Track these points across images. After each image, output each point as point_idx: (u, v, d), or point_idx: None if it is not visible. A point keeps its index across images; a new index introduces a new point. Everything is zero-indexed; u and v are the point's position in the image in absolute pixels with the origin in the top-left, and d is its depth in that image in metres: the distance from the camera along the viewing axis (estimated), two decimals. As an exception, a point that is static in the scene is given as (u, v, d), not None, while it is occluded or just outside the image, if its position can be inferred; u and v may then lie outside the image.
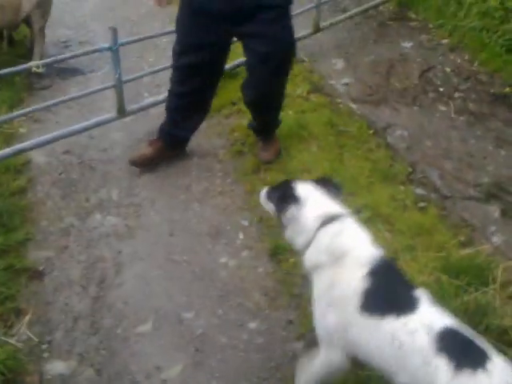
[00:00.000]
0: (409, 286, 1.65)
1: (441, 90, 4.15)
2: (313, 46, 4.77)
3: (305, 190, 1.86)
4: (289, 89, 4.13)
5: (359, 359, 1.69)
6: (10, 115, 3.54)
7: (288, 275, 2.56)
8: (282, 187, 1.94)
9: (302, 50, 4.60)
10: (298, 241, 1.84)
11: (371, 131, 3.57)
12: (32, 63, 3.64)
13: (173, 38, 3.61)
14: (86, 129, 3.54)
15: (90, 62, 4.70)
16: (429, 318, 1.52)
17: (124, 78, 3.58)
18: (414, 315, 1.53)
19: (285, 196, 1.84)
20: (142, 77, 3.99)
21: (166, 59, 4.79)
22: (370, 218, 2.69)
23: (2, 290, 2.47)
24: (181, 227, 2.95)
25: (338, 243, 1.73)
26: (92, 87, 4.27)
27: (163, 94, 4.03)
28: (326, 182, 1.92)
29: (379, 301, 1.60)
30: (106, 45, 3.36)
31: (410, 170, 3.19)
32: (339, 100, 4.00)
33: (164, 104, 3.96)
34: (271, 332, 2.35)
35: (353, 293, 1.63)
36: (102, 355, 2.30)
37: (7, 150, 3.22)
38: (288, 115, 3.80)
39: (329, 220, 1.76)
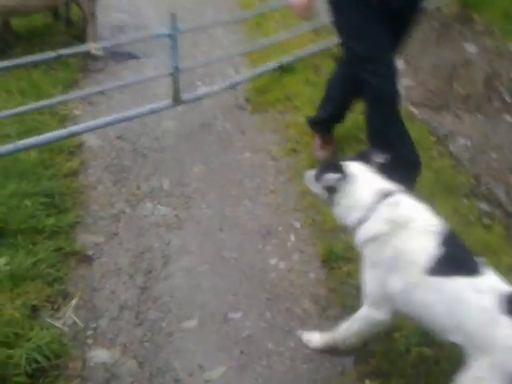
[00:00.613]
0: (471, 253, 1.77)
1: (507, 99, 3.95)
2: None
3: (355, 167, 1.97)
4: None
5: (411, 317, 1.87)
6: (66, 97, 3.54)
7: (341, 284, 2.46)
8: (331, 166, 1.99)
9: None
10: (352, 216, 1.95)
11: (433, 138, 3.41)
12: (92, 46, 3.63)
13: (229, 27, 3.59)
14: (140, 115, 3.51)
15: (143, 46, 4.67)
16: (493, 281, 1.66)
17: (180, 66, 3.52)
18: (480, 278, 1.66)
19: (337, 173, 1.93)
20: (198, 66, 3.93)
21: (220, 48, 4.77)
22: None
23: (51, 272, 2.46)
24: (231, 223, 2.88)
25: (400, 214, 1.85)
26: (145, 73, 4.28)
27: (218, 85, 3.99)
28: (366, 157, 2.04)
29: (447, 264, 1.72)
30: (166, 31, 3.30)
31: (474, 182, 3.04)
32: (399, 103, 3.86)
33: (219, 94, 3.92)
34: (320, 342, 2.25)
35: (420, 257, 1.76)
36: (145, 348, 2.25)
37: (62, 132, 3.22)
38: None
39: (385, 194, 1.90)
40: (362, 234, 1.92)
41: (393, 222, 1.84)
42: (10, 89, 3.82)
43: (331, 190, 1.98)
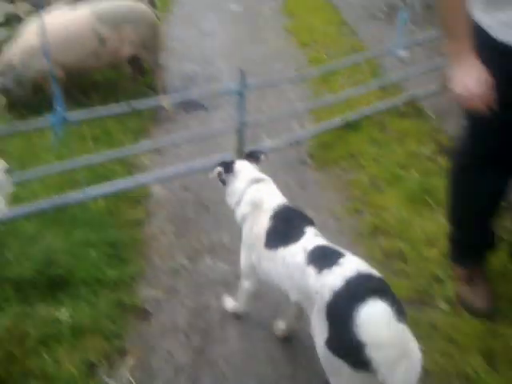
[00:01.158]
0: (302, 224, 2.11)
1: None
2: (441, 102, 4.52)
3: (240, 164, 2.44)
4: (413, 146, 3.95)
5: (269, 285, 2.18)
6: (136, 148, 3.64)
7: None
8: (224, 163, 2.45)
9: (429, 107, 4.40)
10: (232, 200, 2.40)
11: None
12: (163, 101, 3.75)
13: (297, 85, 3.58)
14: (205, 167, 3.55)
15: (212, 97, 4.80)
16: (306, 242, 1.97)
17: (246, 119, 3.57)
18: (297, 243, 1.99)
19: (226, 169, 2.41)
20: (264, 120, 3.97)
21: (286, 102, 4.82)
22: None
23: (110, 327, 2.47)
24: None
25: (258, 196, 2.28)
26: (212, 124, 4.38)
27: (282, 139, 4.01)
28: (251, 154, 2.56)
29: (276, 237, 2.09)
30: (235, 86, 3.37)
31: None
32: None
33: (282, 148, 3.93)
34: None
35: (262, 232, 2.15)
36: (198, 416, 2.20)
37: (129, 181, 3.31)
38: (411, 176, 3.59)
39: (253, 182, 2.34)
40: (237, 215, 2.36)
41: (252, 204, 2.27)
42: (83, 135, 3.98)
43: (223, 182, 2.45)
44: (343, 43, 5.73)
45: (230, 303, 2.61)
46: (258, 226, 2.18)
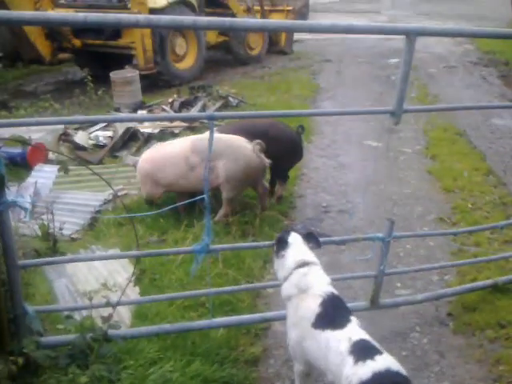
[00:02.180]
0: (347, 313, 2.36)
1: None
2: None
3: (293, 238, 2.63)
4: None
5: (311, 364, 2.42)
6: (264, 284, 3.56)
7: None
8: (281, 233, 2.75)
9: None
10: (280, 274, 2.61)
11: None
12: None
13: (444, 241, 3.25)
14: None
15: (344, 233, 4.66)
16: (351, 332, 2.20)
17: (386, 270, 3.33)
18: (343, 330, 2.21)
19: (279, 239, 2.65)
20: (404, 272, 3.70)
21: (425, 249, 4.49)
22: None
23: None
24: None
25: (304, 281, 2.46)
26: (343, 259, 4.19)
27: (419, 291, 3.69)
28: (309, 236, 2.70)
29: (324, 321, 2.29)
30: (380, 234, 3.20)
31: None
32: None
33: (419, 302, 3.59)
34: None
35: (309, 314, 2.34)
36: None
37: (255, 317, 3.19)
38: None
39: (302, 264, 2.51)
40: (283, 291, 2.57)
41: (298, 288, 2.45)
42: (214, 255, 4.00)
43: (274, 252, 2.68)
44: (490, 193, 5.38)
45: None
46: (304, 307, 2.38)
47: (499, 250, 4.22)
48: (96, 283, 3.68)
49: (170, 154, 4.68)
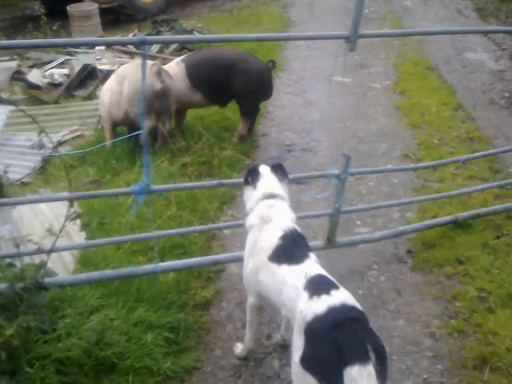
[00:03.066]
0: (306, 249, 2.30)
1: None
2: None
3: (263, 171, 2.58)
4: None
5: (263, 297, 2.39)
6: (219, 225, 3.41)
7: None
8: (251, 168, 2.70)
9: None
10: (248, 205, 2.56)
11: None
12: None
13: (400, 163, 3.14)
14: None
15: (307, 171, 4.50)
16: (308, 267, 2.15)
17: (342, 208, 3.20)
18: (299, 265, 2.17)
19: (251, 170, 2.63)
20: (361, 210, 3.58)
21: (388, 186, 4.38)
22: None
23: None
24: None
25: (268, 212, 2.43)
26: (305, 198, 4.06)
27: (379, 229, 3.60)
28: (277, 167, 2.62)
29: (282, 254, 2.26)
30: (335, 171, 3.04)
31: None
32: None
33: (377, 243, 3.51)
34: None
35: (268, 246, 2.31)
36: None
37: (205, 259, 3.05)
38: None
39: (270, 196, 2.48)
40: (247, 220, 2.52)
41: (261, 218, 2.41)
42: (168, 197, 3.82)
43: (244, 180, 2.65)
44: (457, 128, 5.24)
45: (238, 348, 2.65)
46: (264, 239, 2.34)
47: (463, 185, 4.12)
48: (41, 228, 3.50)
49: (107, 84, 4.70)
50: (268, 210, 2.42)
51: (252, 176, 2.56)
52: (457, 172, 4.38)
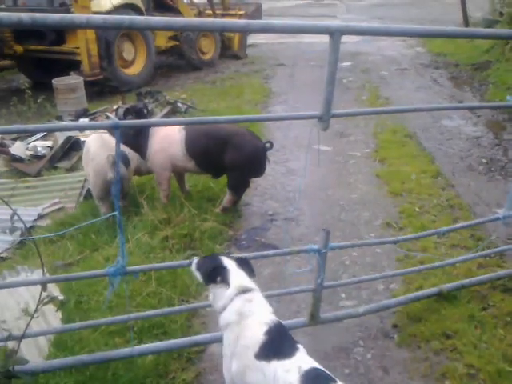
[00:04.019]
0: (293, 340, 2.23)
1: None
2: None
3: (229, 265, 2.42)
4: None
5: None
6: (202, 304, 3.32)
7: None
8: (211, 260, 2.50)
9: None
10: (218, 304, 2.39)
11: None
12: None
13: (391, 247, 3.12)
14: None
15: (290, 242, 4.49)
16: (300, 361, 2.08)
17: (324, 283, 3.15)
18: (291, 359, 2.09)
19: (213, 269, 2.40)
20: (344, 285, 3.53)
21: (372, 258, 4.33)
22: None
23: None
24: None
25: (249, 307, 2.30)
26: (288, 268, 4.00)
27: (363, 303, 3.53)
28: (243, 262, 2.49)
29: (270, 350, 2.14)
30: (315, 246, 3.01)
31: None
32: None
33: (362, 317, 3.43)
34: None
35: (254, 343, 2.19)
36: None
37: (184, 340, 2.94)
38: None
39: (245, 290, 2.34)
40: (221, 319, 2.36)
41: (240, 314, 2.28)
42: (147, 273, 3.73)
43: (208, 279, 2.42)
44: (438, 196, 5.30)
45: None
46: (247, 336, 2.21)
47: (446, 254, 4.12)
48: (17, 308, 3.37)
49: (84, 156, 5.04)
50: (247, 304, 2.31)
51: (221, 274, 2.39)
52: (439, 241, 4.38)
